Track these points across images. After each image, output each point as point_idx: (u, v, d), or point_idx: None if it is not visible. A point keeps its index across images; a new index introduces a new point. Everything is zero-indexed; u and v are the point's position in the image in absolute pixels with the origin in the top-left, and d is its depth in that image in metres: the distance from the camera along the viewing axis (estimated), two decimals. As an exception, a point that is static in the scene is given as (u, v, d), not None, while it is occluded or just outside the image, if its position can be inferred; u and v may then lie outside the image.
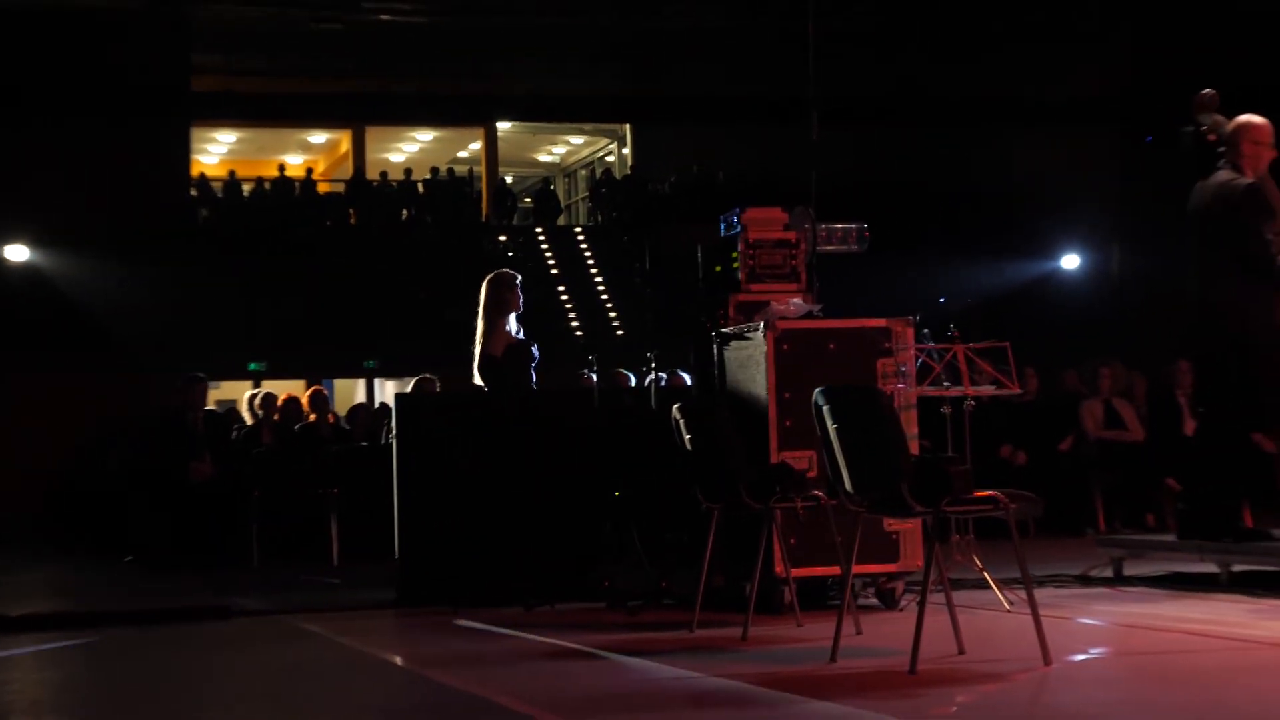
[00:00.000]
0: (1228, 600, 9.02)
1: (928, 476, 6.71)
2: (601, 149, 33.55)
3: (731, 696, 6.50)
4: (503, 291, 11.07)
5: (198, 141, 30.02)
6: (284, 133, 32.30)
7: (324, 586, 12.06)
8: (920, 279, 21.85)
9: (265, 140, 32.40)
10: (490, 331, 10.98)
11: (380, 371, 26.81)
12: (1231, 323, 9.60)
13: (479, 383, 11.06)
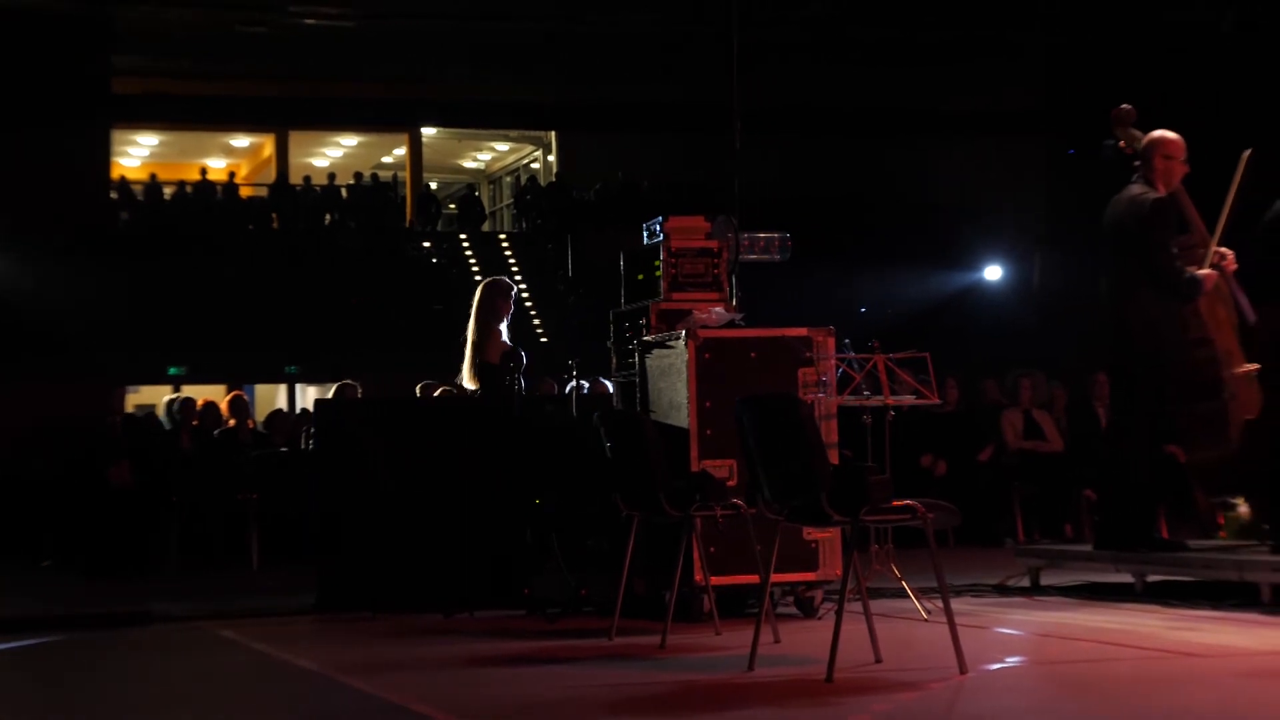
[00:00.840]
0: (1142, 610, 9.09)
1: (846, 486, 6.74)
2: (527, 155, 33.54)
3: (647, 705, 6.49)
4: (497, 298, 11.03)
5: (119, 144, 29.83)
6: (206, 136, 32.13)
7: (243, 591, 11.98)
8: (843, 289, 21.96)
9: (187, 143, 32.21)
10: (485, 338, 10.93)
11: (302, 377, 26.71)
12: (1141, 336, 9.69)
13: (470, 387, 11.04)
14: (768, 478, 7.10)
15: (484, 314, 11.03)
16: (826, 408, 9.22)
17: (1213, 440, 9.86)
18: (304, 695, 7.25)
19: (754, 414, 7.15)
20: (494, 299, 11.06)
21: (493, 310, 11.03)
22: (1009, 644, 8.09)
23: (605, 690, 6.83)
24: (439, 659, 8.01)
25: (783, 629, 8.25)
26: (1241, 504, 10.68)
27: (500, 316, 11.01)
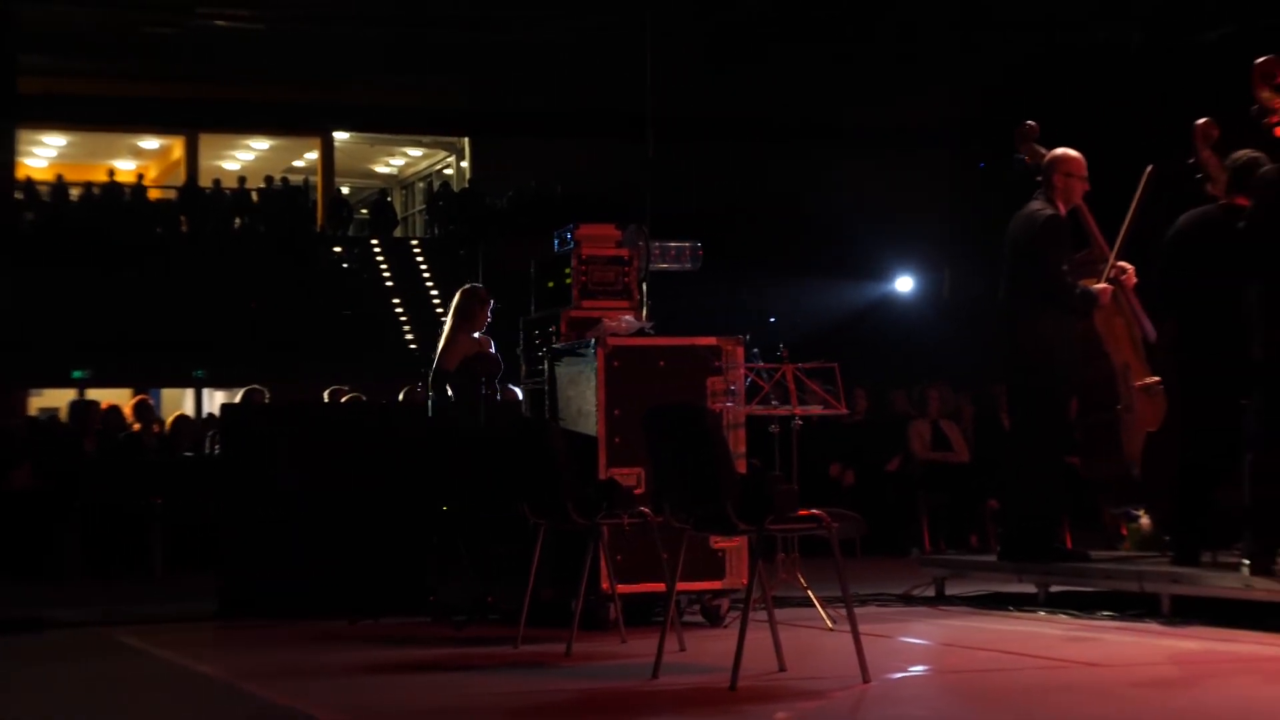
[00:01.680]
0: (1044, 620, 9.16)
1: (752, 495, 6.75)
2: (439, 161, 33.45)
3: (551, 712, 6.49)
4: (473, 305, 10.80)
5: (24, 144, 29.53)
6: (115, 137, 31.85)
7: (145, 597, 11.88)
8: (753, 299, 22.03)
9: (95, 144, 31.91)
10: (449, 344, 10.81)
11: (209, 381, 26.50)
12: (1036, 350, 9.77)
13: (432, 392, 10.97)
14: (674, 486, 7.11)
15: (455, 318, 10.88)
16: (735, 417, 9.25)
17: (1109, 452, 9.96)
18: (204, 702, 7.20)
19: (662, 423, 7.16)
20: (469, 305, 10.86)
21: (465, 315, 10.84)
22: (912, 653, 8.14)
23: (509, 698, 6.82)
24: (342, 666, 7.97)
25: (688, 637, 8.26)
26: (1143, 516, 10.78)
27: (470, 324, 10.83)
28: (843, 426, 15.40)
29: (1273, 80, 8.92)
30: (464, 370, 10.48)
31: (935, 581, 10.62)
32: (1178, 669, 7.26)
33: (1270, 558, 8.38)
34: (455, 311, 10.78)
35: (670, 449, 7.10)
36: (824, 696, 6.63)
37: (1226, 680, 6.92)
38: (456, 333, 10.65)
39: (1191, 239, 9.33)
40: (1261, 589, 8.25)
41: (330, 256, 28.15)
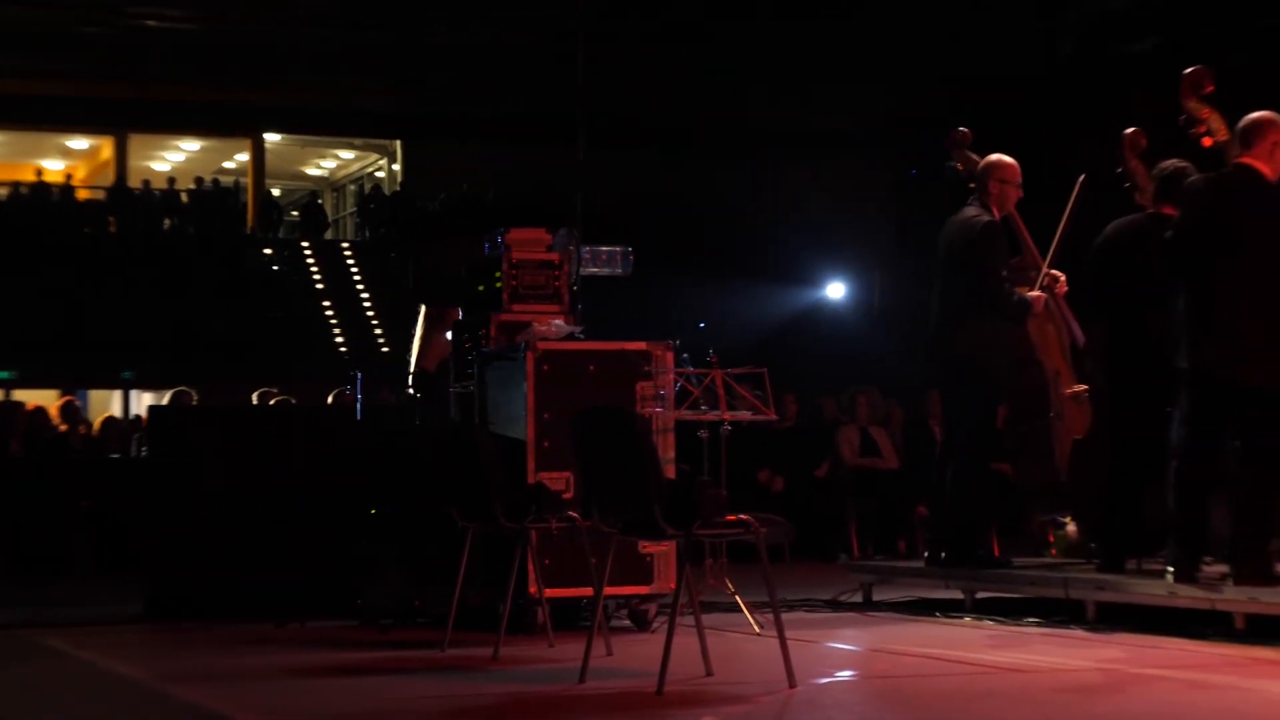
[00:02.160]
0: (970, 626, 9.21)
1: (680, 500, 6.76)
2: (371, 164, 33.34)
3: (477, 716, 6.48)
4: (444, 308, 10.78)
5: (-48, 143, 29.28)
6: (43, 136, 31.59)
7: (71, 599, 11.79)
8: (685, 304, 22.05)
9: (23, 144, 31.66)
10: (426, 346, 10.75)
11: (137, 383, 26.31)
12: (969, 356, 9.82)
13: (411, 393, 10.90)
14: (603, 491, 7.12)
15: (426, 323, 10.82)
16: (664, 422, 9.26)
17: (1040, 459, 10.02)
18: (126, 704, 7.14)
19: (590, 427, 7.16)
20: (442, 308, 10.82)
21: (438, 318, 10.79)
22: (839, 658, 8.17)
23: (436, 701, 6.81)
24: (268, 668, 7.94)
25: (616, 642, 8.26)
26: (1070, 523, 10.85)
27: (445, 325, 10.78)
28: (772, 432, 15.43)
29: (1201, 91, 9.00)
30: (443, 371, 10.48)
31: (863, 587, 10.66)
32: (1102, 675, 7.31)
33: (1194, 565, 8.46)
34: (427, 315, 10.75)
35: (599, 453, 7.10)
36: (750, 701, 6.65)
37: (1149, 686, 6.97)
38: (431, 334, 10.62)
39: (1119, 248, 9.41)
40: (1185, 596, 8.32)
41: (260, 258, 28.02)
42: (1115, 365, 9.44)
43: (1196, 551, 8.50)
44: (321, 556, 10.36)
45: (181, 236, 27.98)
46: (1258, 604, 7.96)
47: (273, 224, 29.41)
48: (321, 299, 27.07)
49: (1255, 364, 8.13)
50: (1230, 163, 8.50)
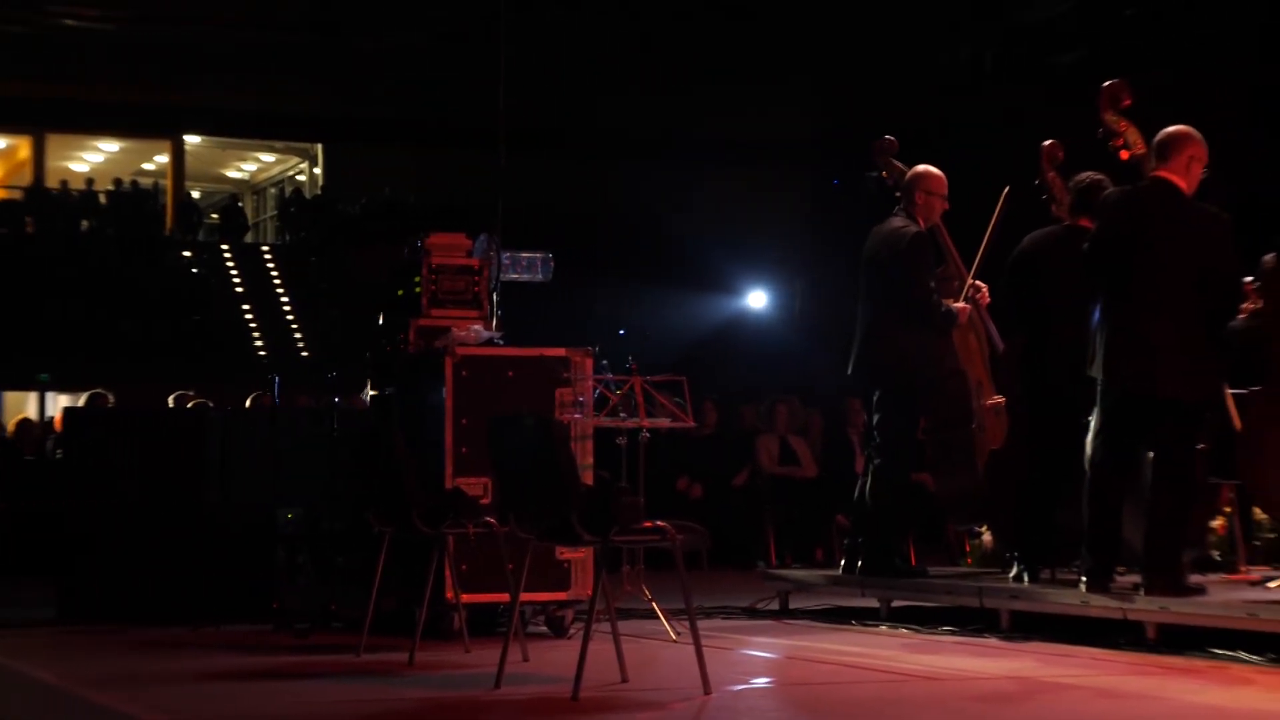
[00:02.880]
0: (886, 634, 9.25)
1: (597, 506, 6.76)
2: (292, 167, 33.19)
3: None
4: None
5: None
6: (-41, 136, 31.31)
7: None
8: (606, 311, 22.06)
9: (-60, 143, 31.38)
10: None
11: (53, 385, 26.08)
12: (894, 365, 9.87)
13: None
14: (520, 496, 7.11)
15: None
16: (582, 428, 9.25)
17: (961, 469, 10.08)
18: (38, 708, 7.08)
19: (508, 432, 7.15)
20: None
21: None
22: (754, 665, 8.19)
23: (349, 705, 6.78)
24: (182, 672, 7.88)
25: (532, 648, 8.24)
26: (985, 532, 10.92)
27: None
28: (692, 440, 15.46)
29: (1119, 104, 9.09)
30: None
31: (780, 595, 10.69)
32: (1015, 683, 7.35)
33: (1107, 576, 8.52)
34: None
35: (516, 459, 7.10)
36: (664, 708, 6.65)
37: (1061, 695, 7.02)
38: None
39: (1035, 259, 9.48)
40: (1098, 606, 8.39)
41: (179, 261, 27.83)
42: (1032, 376, 9.51)
43: (1110, 562, 8.57)
44: (237, 560, 10.31)
45: (100, 238, 27.75)
46: (1168, 614, 8.03)
47: (192, 226, 29.22)
48: (241, 302, 26.92)
49: (1169, 376, 8.20)
50: (1147, 176, 8.58)
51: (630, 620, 9.36)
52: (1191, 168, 8.38)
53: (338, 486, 9.87)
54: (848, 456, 15.53)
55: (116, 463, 10.55)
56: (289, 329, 26.39)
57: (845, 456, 15.64)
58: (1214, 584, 8.81)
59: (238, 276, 27.53)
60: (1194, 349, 8.24)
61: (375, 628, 8.51)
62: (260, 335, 26.20)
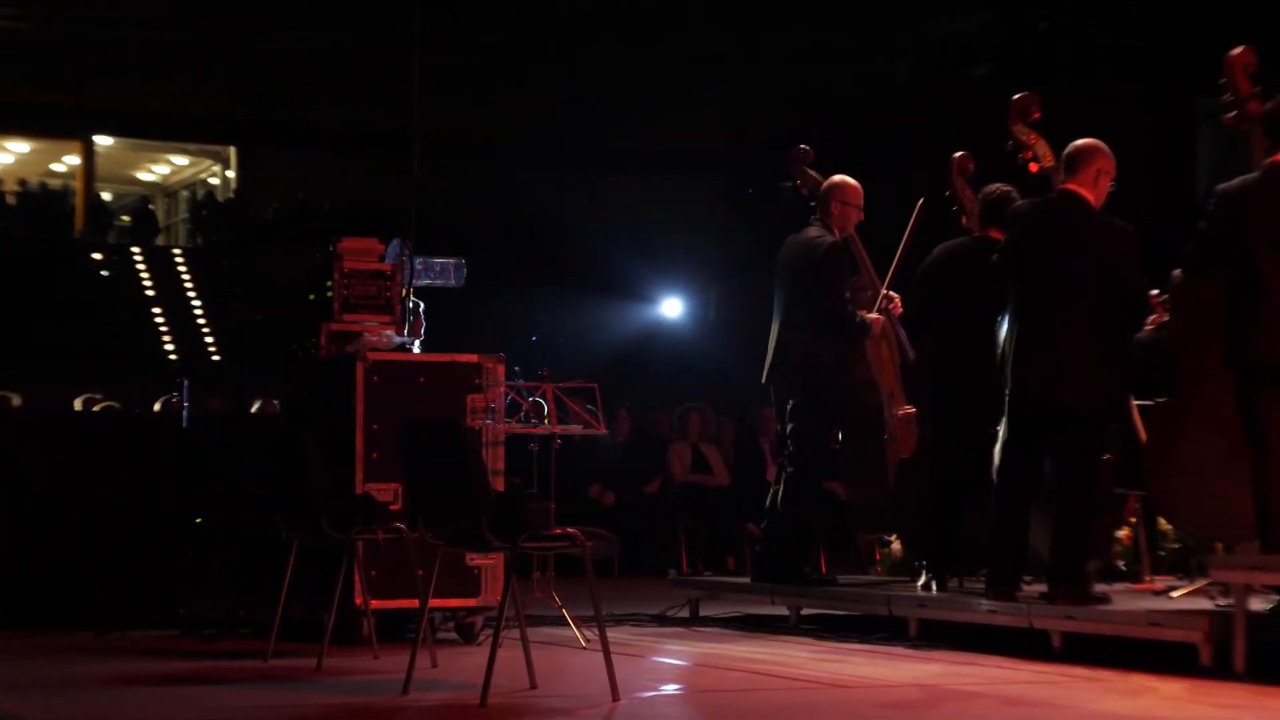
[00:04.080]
0: (796, 642, 9.29)
1: (506, 512, 6.76)
2: (204, 170, 32.95)
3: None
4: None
5: None
6: None
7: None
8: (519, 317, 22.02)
9: None
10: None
11: (-41, 387, 25.79)
12: (807, 375, 9.92)
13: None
14: (430, 501, 7.10)
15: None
16: (494, 434, 9.25)
17: (873, 479, 10.13)
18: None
19: (418, 437, 7.14)
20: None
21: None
22: (663, 672, 8.20)
23: (255, 711, 6.76)
24: (87, 678, 7.82)
25: (441, 654, 8.24)
26: (895, 541, 10.99)
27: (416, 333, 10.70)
28: (604, 447, 15.47)
29: (1028, 116, 9.16)
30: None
31: (690, 602, 10.72)
32: (921, 691, 7.40)
33: (1013, 585, 8.59)
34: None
35: (426, 464, 7.09)
36: (572, 714, 6.66)
37: (967, 702, 7.08)
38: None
39: (944, 270, 9.56)
40: (1004, 615, 8.46)
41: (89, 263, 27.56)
42: (940, 386, 9.58)
43: (1016, 571, 8.64)
44: (145, 565, 10.24)
45: (7, 239, 27.41)
46: (1073, 623, 8.11)
47: (103, 229, 28.92)
48: (151, 305, 26.68)
49: (1076, 386, 8.28)
50: (1055, 189, 8.66)
51: (540, 627, 9.35)
52: (1099, 181, 8.47)
53: (247, 491, 9.80)
54: (759, 465, 15.59)
55: (21, 466, 10.44)
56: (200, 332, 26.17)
57: (757, 465, 15.70)
58: (1118, 593, 8.90)
59: (148, 279, 27.26)
60: (1100, 360, 8.32)
61: (284, 634, 8.48)
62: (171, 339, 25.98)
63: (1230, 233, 7.84)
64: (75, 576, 10.16)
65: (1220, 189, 8.03)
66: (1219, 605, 7.88)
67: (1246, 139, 8.31)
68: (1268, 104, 7.99)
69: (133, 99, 27.98)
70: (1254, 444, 7.79)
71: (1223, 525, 8.35)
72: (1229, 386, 7.93)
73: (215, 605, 9.68)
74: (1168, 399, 8.49)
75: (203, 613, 9.68)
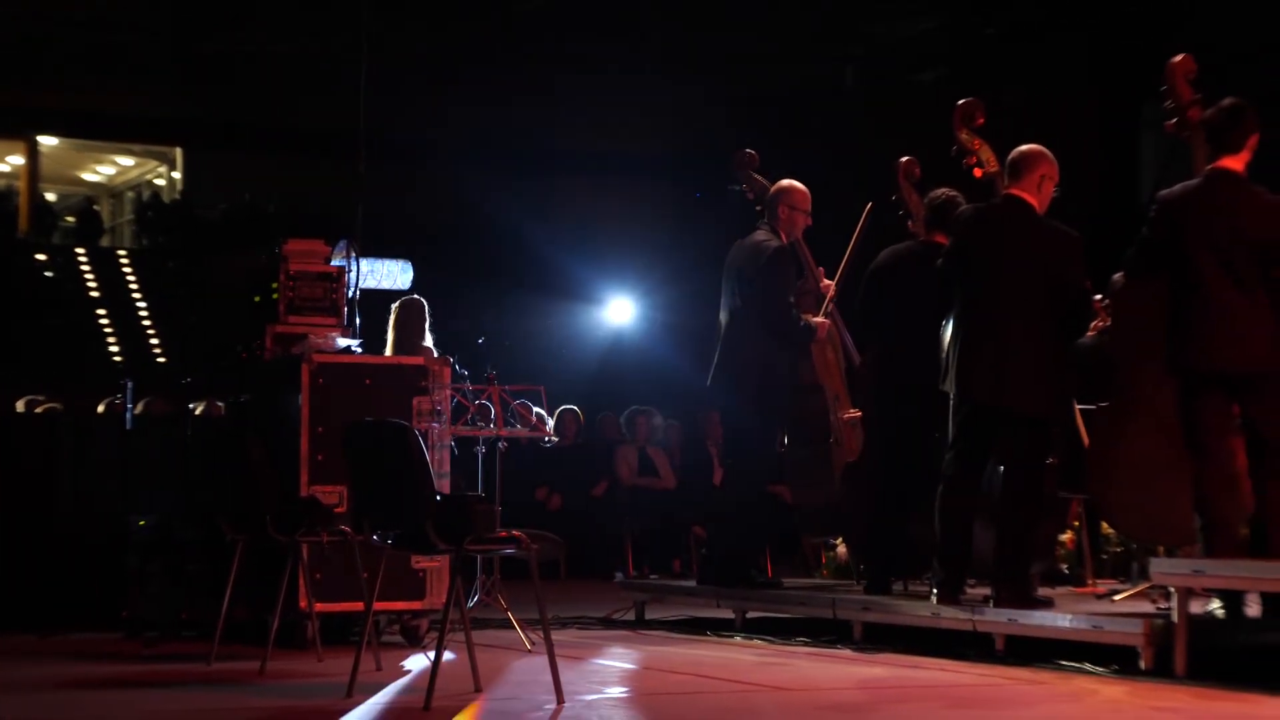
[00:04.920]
0: (740, 645, 9.31)
1: (452, 515, 6.75)
2: (150, 171, 32.79)
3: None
4: (421, 318, 10.54)
5: None
6: None
7: None
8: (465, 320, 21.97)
9: None
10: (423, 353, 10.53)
11: (-99, 388, 25.59)
12: (754, 378, 9.94)
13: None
14: (375, 504, 7.09)
15: (409, 333, 10.63)
16: (439, 436, 9.24)
17: (818, 483, 10.16)
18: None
19: (362, 439, 7.13)
20: (421, 318, 10.59)
21: (419, 330, 10.63)
22: (608, 675, 8.20)
23: (198, 715, 6.73)
24: (29, 681, 7.78)
25: (386, 657, 8.22)
26: (840, 544, 11.02)
27: (424, 333, 10.64)
28: (551, 450, 15.45)
29: (973, 122, 9.21)
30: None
31: (636, 605, 10.73)
32: (865, 694, 7.43)
33: (958, 588, 8.63)
34: (407, 327, 10.47)
35: (371, 466, 7.07)
36: (517, 717, 6.65)
37: (912, 706, 7.10)
38: (419, 341, 10.45)
39: (890, 274, 9.59)
40: (948, 618, 8.49)
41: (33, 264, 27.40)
42: (885, 389, 9.61)
43: (960, 574, 8.67)
44: (88, 568, 10.19)
45: (-52, 241, 27.25)
46: (1016, 626, 8.15)
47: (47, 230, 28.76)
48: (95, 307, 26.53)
49: (1019, 390, 8.31)
50: (999, 194, 8.70)
51: (486, 630, 9.36)
52: (1043, 186, 8.50)
53: (191, 493, 9.77)
54: (706, 468, 15.60)
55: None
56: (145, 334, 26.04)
57: (704, 468, 15.71)
58: (1061, 597, 8.96)
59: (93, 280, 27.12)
60: (1045, 364, 8.36)
61: (228, 637, 8.45)
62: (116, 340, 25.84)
63: (1171, 238, 7.90)
64: (18, 578, 10.09)
65: (1161, 195, 8.10)
66: (1160, 608, 7.93)
67: (1189, 145, 8.37)
68: (1208, 111, 8.05)
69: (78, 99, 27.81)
70: (1195, 448, 7.85)
71: (1164, 528, 8.39)
72: (1170, 390, 7.99)
73: (159, 608, 9.64)
74: (1109, 403, 8.54)
75: (146, 615, 9.65)
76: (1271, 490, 7.82)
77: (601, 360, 25.16)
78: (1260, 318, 7.76)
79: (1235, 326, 7.75)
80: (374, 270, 10.06)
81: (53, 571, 10.14)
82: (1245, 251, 7.77)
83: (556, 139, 27.12)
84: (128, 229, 31.68)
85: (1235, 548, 7.71)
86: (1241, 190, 7.86)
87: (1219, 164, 7.89)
